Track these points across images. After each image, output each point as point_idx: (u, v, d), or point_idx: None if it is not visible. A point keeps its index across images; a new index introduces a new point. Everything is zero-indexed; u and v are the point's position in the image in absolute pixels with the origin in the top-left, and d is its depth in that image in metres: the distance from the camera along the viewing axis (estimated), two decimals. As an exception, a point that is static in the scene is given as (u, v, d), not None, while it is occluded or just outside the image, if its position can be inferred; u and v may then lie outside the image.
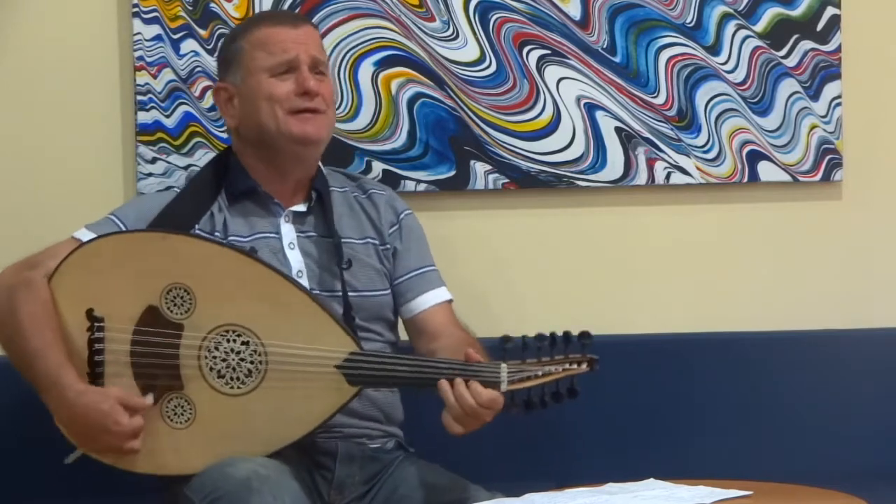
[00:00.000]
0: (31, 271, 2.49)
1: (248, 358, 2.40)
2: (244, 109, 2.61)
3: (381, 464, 2.57)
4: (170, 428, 2.41)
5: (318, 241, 2.62)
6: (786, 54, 3.08)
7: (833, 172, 3.09)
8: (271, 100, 2.57)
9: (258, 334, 2.41)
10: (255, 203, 2.62)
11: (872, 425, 2.99)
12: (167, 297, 2.42)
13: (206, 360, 2.41)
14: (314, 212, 2.64)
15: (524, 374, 2.36)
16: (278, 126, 2.57)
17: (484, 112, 3.05)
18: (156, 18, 3.00)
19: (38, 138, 3.03)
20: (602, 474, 2.44)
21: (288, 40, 2.60)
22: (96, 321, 2.43)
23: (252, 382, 2.40)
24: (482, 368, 2.36)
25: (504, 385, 2.34)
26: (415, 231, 2.73)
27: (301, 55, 2.59)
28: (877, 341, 3.05)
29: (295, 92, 2.58)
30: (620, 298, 3.08)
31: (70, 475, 2.84)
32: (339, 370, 2.40)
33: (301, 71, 2.58)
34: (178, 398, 2.41)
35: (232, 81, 2.63)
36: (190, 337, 2.41)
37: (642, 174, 3.07)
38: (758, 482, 2.41)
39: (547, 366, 2.37)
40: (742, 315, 3.09)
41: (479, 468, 2.57)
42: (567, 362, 2.38)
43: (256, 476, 2.28)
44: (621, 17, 3.06)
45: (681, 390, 2.97)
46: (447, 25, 3.04)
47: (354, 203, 2.70)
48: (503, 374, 2.34)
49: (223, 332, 2.41)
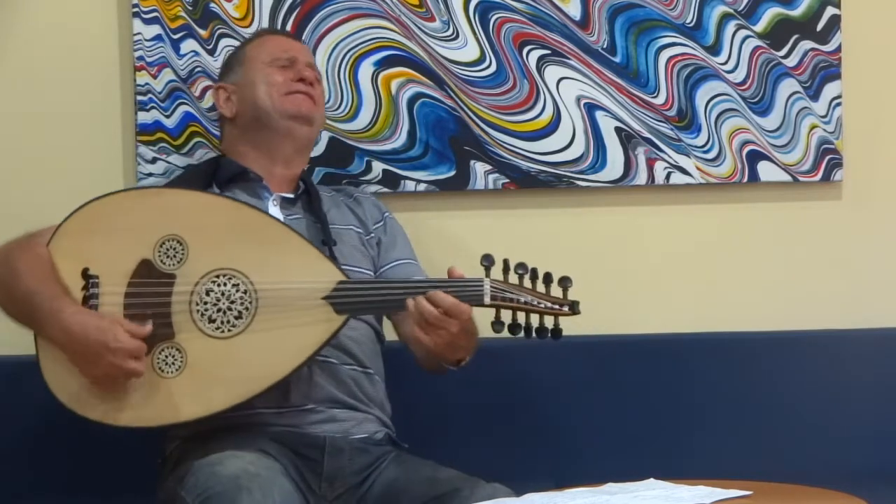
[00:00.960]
0: (30, 239, 2.57)
1: (238, 300, 2.46)
2: (241, 97, 2.74)
3: (371, 455, 2.57)
4: (160, 378, 2.45)
5: (305, 222, 2.68)
6: (786, 54, 3.08)
7: (833, 172, 3.09)
8: (269, 83, 2.73)
9: (247, 274, 2.47)
10: (244, 189, 2.69)
11: (872, 425, 2.99)
12: (160, 250, 2.48)
13: (196, 307, 2.46)
14: (301, 199, 2.73)
15: (507, 295, 2.41)
16: (273, 104, 2.71)
17: (484, 112, 3.05)
18: (156, 18, 3.01)
19: (39, 138, 3.03)
20: (602, 474, 2.44)
21: (288, 45, 2.81)
22: (91, 279, 2.47)
23: (242, 324, 2.46)
24: (465, 283, 2.42)
25: (487, 298, 2.41)
26: (399, 230, 2.83)
27: (299, 56, 2.78)
28: (877, 341, 3.05)
29: (292, 78, 2.74)
30: (620, 298, 3.08)
31: (70, 475, 2.85)
32: (327, 300, 2.46)
33: (298, 63, 2.76)
34: (169, 348, 2.45)
35: (232, 80, 2.78)
36: (181, 285, 2.47)
37: (642, 174, 3.07)
38: (758, 482, 2.40)
39: (530, 295, 2.42)
40: (742, 315, 3.08)
41: (479, 468, 2.57)
42: (550, 300, 2.43)
43: (246, 474, 2.29)
44: (621, 17, 3.06)
45: (681, 390, 2.97)
46: (447, 25, 3.04)
47: (341, 203, 2.80)
48: (486, 287, 2.41)
49: (214, 277, 2.47)
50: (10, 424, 2.85)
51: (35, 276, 2.49)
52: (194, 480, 2.34)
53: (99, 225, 2.53)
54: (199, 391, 2.44)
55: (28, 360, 2.51)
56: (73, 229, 2.54)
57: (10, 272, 2.52)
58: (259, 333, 2.45)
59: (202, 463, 2.35)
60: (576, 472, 2.57)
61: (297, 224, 2.66)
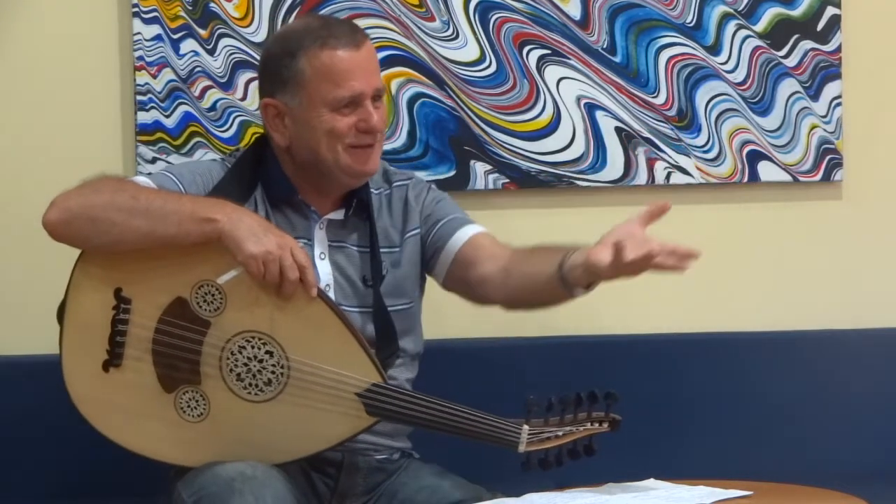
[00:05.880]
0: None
1: (269, 367, 2.39)
2: (299, 133, 2.52)
3: (385, 474, 2.56)
4: (181, 419, 2.41)
5: (350, 254, 2.58)
6: (786, 54, 3.08)
7: (833, 172, 3.09)
8: (332, 134, 2.49)
9: (284, 346, 2.38)
10: (292, 207, 2.58)
11: (872, 425, 2.99)
12: (198, 293, 2.40)
13: (227, 362, 2.39)
14: (351, 221, 2.59)
15: (544, 436, 2.35)
16: (337, 160, 2.50)
17: (484, 112, 3.05)
18: (156, 18, 3.00)
19: (38, 138, 3.03)
20: (602, 474, 2.44)
21: (354, 69, 2.50)
22: (123, 302, 2.42)
23: (271, 392, 2.39)
24: (502, 427, 2.35)
25: (522, 446, 2.34)
26: (438, 199, 2.67)
27: (365, 89, 2.50)
28: (877, 341, 3.05)
29: (357, 127, 2.50)
30: (620, 298, 3.07)
31: (70, 475, 2.85)
32: (360, 398, 2.38)
33: (364, 107, 2.50)
34: (194, 392, 2.40)
35: (286, 101, 2.52)
36: (215, 336, 2.39)
37: (642, 174, 3.07)
38: (758, 482, 2.41)
39: (569, 425, 2.35)
40: (742, 315, 3.09)
41: (479, 468, 2.57)
42: (589, 421, 2.37)
43: (241, 476, 2.28)
44: (621, 17, 3.06)
45: (681, 390, 2.98)
46: (447, 25, 3.04)
47: (392, 203, 2.64)
48: (523, 436, 2.34)
49: (249, 337, 2.39)
50: (10, 424, 2.85)
51: (159, 193, 2.43)
52: (193, 479, 2.35)
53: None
54: (218, 444, 2.39)
55: (33, 360, 2.51)
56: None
57: (121, 185, 2.44)
58: (286, 407, 2.38)
59: (208, 462, 2.36)
60: (576, 472, 2.56)
61: (341, 257, 2.56)
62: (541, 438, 2.34)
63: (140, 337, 2.41)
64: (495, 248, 2.60)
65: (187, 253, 2.39)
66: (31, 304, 2.88)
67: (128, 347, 2.42)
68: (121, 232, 2.39)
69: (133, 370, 2.41)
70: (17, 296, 2.98)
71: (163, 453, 2.42)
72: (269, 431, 2.39)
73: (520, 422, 2.34)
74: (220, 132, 3.01)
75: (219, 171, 2.59)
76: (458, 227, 2.62)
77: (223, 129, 3.01)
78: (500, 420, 2.35)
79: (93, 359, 2.42)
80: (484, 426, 2.36)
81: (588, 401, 2.34)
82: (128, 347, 2.42)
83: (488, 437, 2.36)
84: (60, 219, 2.41)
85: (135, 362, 2.41)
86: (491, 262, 2.56)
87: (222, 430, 2.40)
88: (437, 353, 2.74)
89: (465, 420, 2.37)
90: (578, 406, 2.35)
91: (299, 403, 2.38)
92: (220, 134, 3.01)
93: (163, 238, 2.38)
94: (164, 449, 2.42)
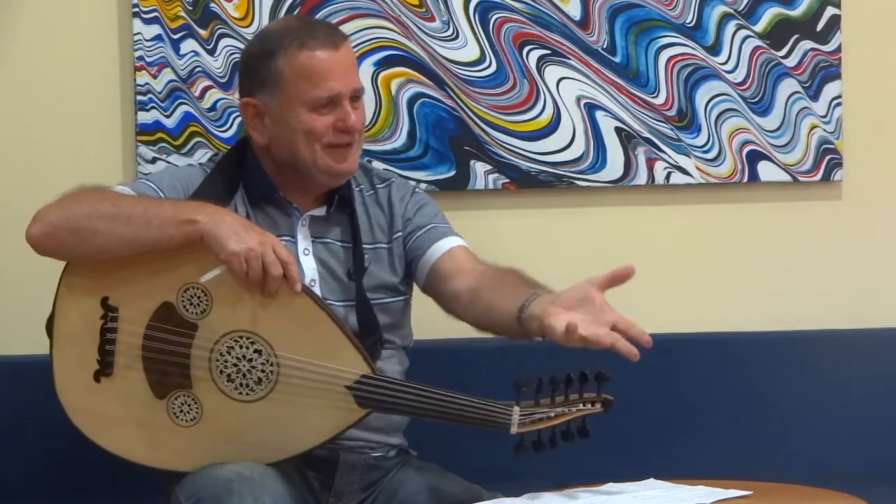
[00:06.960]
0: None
1: (259, 366, 2.39)
2: (278, 132, 2.53)
3: (381, 471, 2.56)
4: (174, 424, 2.40)
5: (333, 249, 2.58)
6: (786, 54, 3.08)
7: (833, 172, 3.09)
8: (310, 134, 2.50)
9: (271, 344, 2.38)
10: (273, 205, 2.58)
11: (872, 425, 2.99)
12: (184, 296, 2.40)
13: (216, 363, 2.39)
14: (333, 217, 2.60)
15: (536, 417, 2.33)
16: (315, 160, 2.51)
17: (484, 112, 3.05)
18: (156, 18, 3.00)
19: (39, 138, 3.03)
20: (602, 474, 2.44)
21: (332, 69, 2.51)
22: (110, 311, 2.42)
23: (261, 391, 2.39)
24: (493, 409, 2.34)
25: (514, 428, 2.32)
26: (421, 204, 2.67)
27: (343, 89, 2.51)
28: (877, 341, 3.05)
29: (335, 127, 2.51)
30: (620, 298, 3.06)
31: (69, 475, 2.85)
32: (350, 391, 2.38)
33: (343, 107, 2.51)
34: (186, 396, 2.40)
35: (265, 101, 2.53)
36: (203, 338, 2.39)
37: (642, 174, 3.07)
38: (758, 482, 2.40)
39: (560, 406, 2.34)
40: (742, 315, 3.09)
41: (479, 468, 2.57)
42: (581, 402, 2.36)
43: (239, 477, 2.28)
44: (621, 17, 3.06)
45: (681, 390, 2.97)
46: (447, 25, 3.04)
47: (373, 202, 2.65)
48: (514, 417, 2.32)
49: (237, 337, 2.39)
50: (10, 424, 2.85)
51: (138, 200, 2.43)
52: (190, 481, 2.35)
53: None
54: (212, 447, 2.38)
55: (30, 360, 2.51)
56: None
57: (101, 194, 2.44)
58: (278, 404, 2.38)
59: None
60: (576, 472, 2.56)
61: (325, 252, 2.57)
62: (533, 420, 2.33)
63: (129, 344, 2.41)
64: (470, 263, 2.59)
65: (171, 257, 2.39)
66: (29, 304, 2.88)
67: (118, 356, 2.41)
68: (104, 240, 2.39)
69: (124, 378, 2.41)
70: (15, 296, 2.99)
71: (159, 460, 2.41)
72: (262, 430, 2.39)
73: (510, 403, 2.33)
74: (220, 132, 3.01)
75: (198, 175, 2.59)
76: (438, 239, 2.62)
77: (223, 130, 3.01)
78: (490, 403, 2.35)
79: (84, 370, 2.42)
80: (474, 409, 2.35)
81: (579, 381, 2.34)
82: (118, 356, 2.41)
83: (479, 421, 2.35)
84: (43, 232, 2.42)
85: (125, 370, 2.41)
86: (462, 278, 2.56)
87: (216, 432, 2.39)
88: (433, 352, 2.74)
89: (454, 405, 2.36)
90: (569, 386, 2.34)
91: (290, 400, 2.38)
92: (221, 134, 3.01)
93: (146, 243, 2.38)
94: (160, 455, 2.41)
